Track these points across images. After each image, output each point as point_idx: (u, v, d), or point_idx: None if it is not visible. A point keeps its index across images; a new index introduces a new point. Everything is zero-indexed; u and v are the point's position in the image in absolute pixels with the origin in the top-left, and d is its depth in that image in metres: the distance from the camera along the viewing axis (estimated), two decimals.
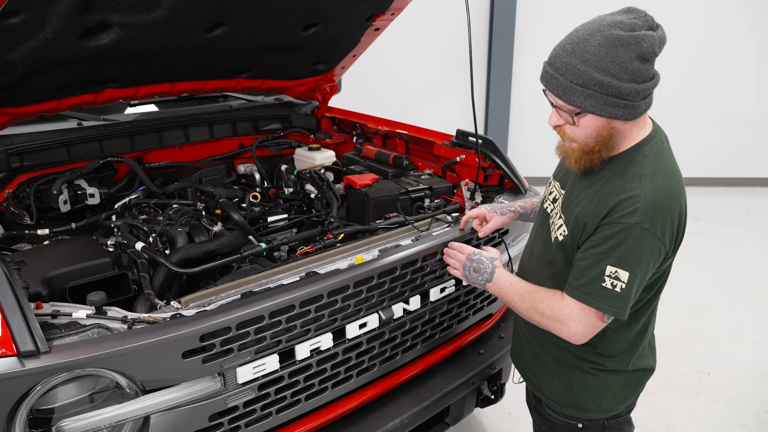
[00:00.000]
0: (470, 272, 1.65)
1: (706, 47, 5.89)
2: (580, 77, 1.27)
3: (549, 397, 1.64)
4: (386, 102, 5.43)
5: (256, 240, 2.03)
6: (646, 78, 1.26)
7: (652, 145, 1.37)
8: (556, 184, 1.59)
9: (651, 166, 1.34)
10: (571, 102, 1.30)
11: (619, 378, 1.55)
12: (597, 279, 1.33)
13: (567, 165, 1.45)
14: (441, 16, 5.48)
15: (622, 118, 1.29)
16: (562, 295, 1.43)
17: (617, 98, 1.26)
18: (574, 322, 1.39)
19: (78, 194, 2.39)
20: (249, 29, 2.20)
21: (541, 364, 1.64)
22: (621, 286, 1.31)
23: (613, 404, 1.57)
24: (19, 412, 1.24)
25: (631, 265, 1.31)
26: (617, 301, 1.33)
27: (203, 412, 1.45)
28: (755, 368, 3.28)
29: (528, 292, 1.51)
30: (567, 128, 1.38)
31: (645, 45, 1.22)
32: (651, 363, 1.62)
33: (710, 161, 6.28)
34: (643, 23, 1.25)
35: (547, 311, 1.44)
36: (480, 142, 2.39)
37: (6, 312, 1.27)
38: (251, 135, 3.04)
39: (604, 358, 1.52)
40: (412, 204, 2.31)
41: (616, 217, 1.31)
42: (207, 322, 1.39)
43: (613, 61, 1.23)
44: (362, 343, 1.77)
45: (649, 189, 1.30)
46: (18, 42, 1.73)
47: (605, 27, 1.25)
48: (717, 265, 4.50)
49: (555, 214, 1.52)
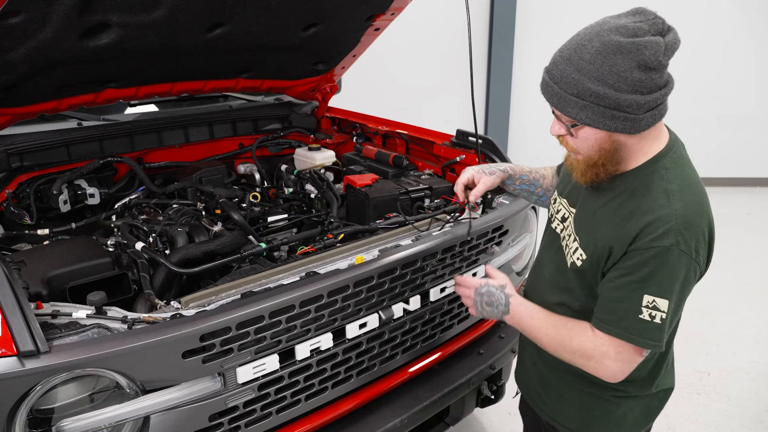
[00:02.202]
0: (483, 307, 1.50)
1: (706, 47, 5.89)
2: (574, 87, 1.18)
3: (564, 425, 1.53)
4: (386, 102, 5.42)
5: (256, 240, 2.03)
6: (651, 88, 1.15)
7: (671, 156, 1.27)
8: (564, 201, 1.48)
9: (676, 181, 1.24)
10: (567, 113, 1.22)
11: (641, 403, 1.46)
12: (633, 311, 1.22)
13: (574, 178, 1.36)
14: (441, 16, 5.48)
15: (624, 132, 1.20)
16: (593, 331, 1.30)
17: (616, 110, 1.16)
18: (612, 361, 1.27)
19: (78, 194, 2.39)
20: (249, 29, 2.20)
21: (555, 393, 1.54)
22: (661, 317, 1.21)
23: (634, 430, 1.49)
24: (19, 412, 1.24)
25: (669, 292, 1.20)
26: (656, 333, 1.22)
27: (203, 412, 1.45)
28: (755, 368, 3.28)
29: (553, 327, 1.37)
30: (569, 139, 1.29)
31: (647, 53, 1.12)
32: (672, 382, 1.52)
33: (710, 161, 6.28)
34: (649, 27, 1.14)
35: (579, 350, 1.31)
36: (480, 142, 2.39)
37: (6, 312, 1.26)
38: (251, 135, 3.04)
39: (628, 384, 1.39)
40: (412, 204, 2.31)
41: (648, 241, 1.19)
42: (207, 322, 1.39)
43: (610, 71, 1.13)
44: (362, 343, 1.77)
45: (679, 206, 1.20)
46: (18, 42, 1.73)
47: (605, 32, 1.15)
48: (717, 265, 4.42)
49: (568, 235, 1.41)
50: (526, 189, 1.73)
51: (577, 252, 1.36)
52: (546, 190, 1.74)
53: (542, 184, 1.73)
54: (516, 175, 1.72)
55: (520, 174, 1.73)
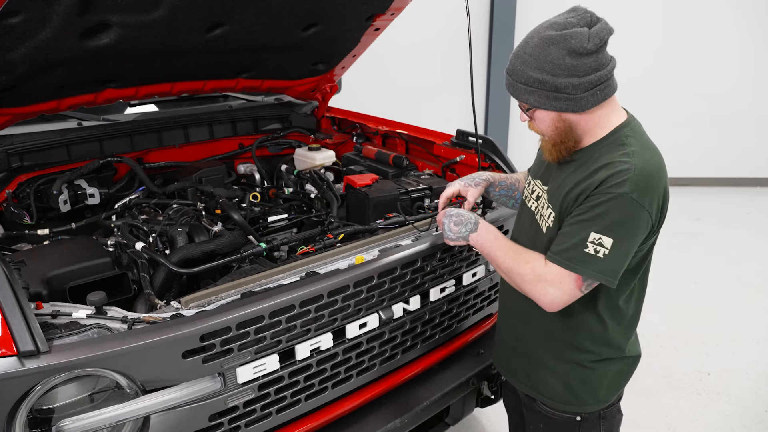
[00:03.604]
0: (450, 228, 1.61)
1: (704, 47, 5.89)
2: (521, 76, 1.38)
3: (545, 395, 1.64)
4: (386, 102, 5.42)
5: (256, 240, 2.03)
6: (585, 71, 1.32)
7: (631, 127, 1.43)
8: (537, 182, 1.61)
9: (636, 144, 1.39)
10: (520, 99, 1.43)
11: (613, 367, 1.58)
12: (579, 245, 1.35)
13: (545, 158, 1.52)
14: (441, 16, 5.48)
15: (570, 111, 1.37)
16: (544, 261, 1.44)
17: (557, 92, 1.34)
18: (554, 288, 1.40)
19: (78, 194, 2.39)
20: (249, 29, 2.20)
21: (535, 363, 1.64)
22: (604, 252, 1.33)
23: (608, 394, 1.61)
24: (19, 412, 1.24)
25: (616, 232, 1.33)
26: (600, 266, 1.34)
27: (203, 412, 1.46)
28: (755, 368, 3.28)
29: (513, 251, 1.51)
30: (533, 124, 1.48)
31: (573, 42, 1.29)
32: (639, 350, 1.66)
33: (710, 161, 6.29)
34: (578, 21, 1.33)
35: (528, 274, 1.44)
36: (480, 142, 2.39)
37: (6, 312, 1.26)
38: (251, 135, 3.04)
39: (602, 346, 1.55)
40: (412, 204, 2.31)
41: (606, 188, 1.34)
42: (207, 322, 1.39)
43: (546, 60, 1.32)
44: (362, 343, 1.77)
45: (639, 162, 1.35)
46: (18, 42, 1.73)
47: (543, 29, 1.35)
48: (717, 265, 4.50)
49: (542, 206, 1.54)
50: (505, 194, 1.88)
51: (550, 217, 1.49)
52: (521, 193, 1.85)
53: (518, 187, 1.88)
54: (495, 182, 1.87)
55: (499, 181, 1.87)
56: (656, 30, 5.79)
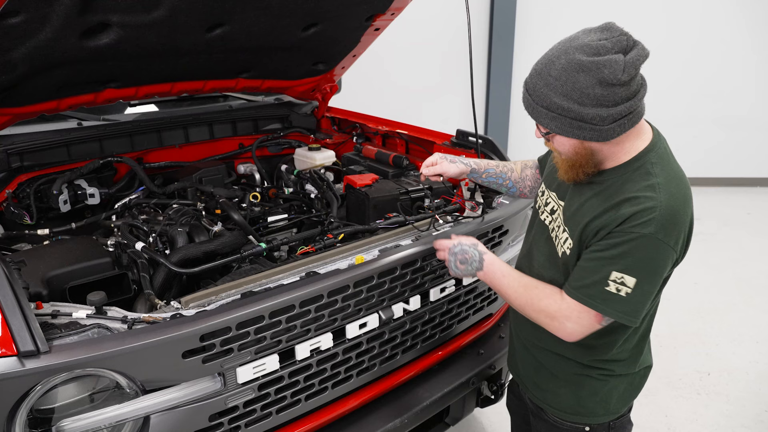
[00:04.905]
0: (457, 266, 1.59)
1: (706, 47, 5.89)
2: (544, 100, 1.27)
3: (554, 406, 1.61)
4: (386, 102, 5.42)
5: (256, 240, 2.03)
6: (615, 101, 1.21)
7: (656, 152, 1.34)
8: (553, 195, 1.54)
9: (662, 174, 1.30)
10: (539, 122, 1.33)
11: (625, 380, 1.55)
12: (600, 282, 1.30)
13: (559, 176, 1.44)
14: (441, 16, 5.48)
15: (593, 140, 1.27)
16: (561, 294, 1.40)
17: (581, 122, 1.24)
18: (572, 323, 1.37)
19: (78, 194, 2.39)
20: (249, 29, 2.20)
21: (546, 374, 1.61)
22: (626, 291, 1.28)
23: (619, 406, 1.57)
24: (19, 412, 1.24)
25: (639, 272, 1.27)
26: (623, 305, 1.30)
27: (203, 412, 1.45)
28: (755, 368, 3.28)
29: (524, 287, 1.47)
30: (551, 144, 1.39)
31: (606, 72, 1.18)
32: (651, 360, 1.63)
33: (710, 161, 6.28)
34: (612, 45, 1.20)
35: (545, 310, 1.41)
36: (480, 142, 2.39)
37: (6, 312, 1.26)
38: (251, 135, 3.04)
39: (613, 363, 1.51)
40: (412, 204, 2.31)
41: (630, 226, 1.26)
42: (207, 322, 1.39)
43: (573, 87, 1.21)
44: (362, 343, 1.77)
45: (664, 198, 1.27)
46: (18, 42, 1.73)
47: (572, 50, 1.22)
48: (717, 265, 4.49)
49: (557, 227, 1.48)
50: (494, 181, 1.82)
51: (567, 242, 1.43)
52: (515, 182, 1.82)
53: (510, 176, 1.81)
54: (481, 169, 1.81)
55: (486, 168, 1.81)
56: (658, 30, 5.78)
